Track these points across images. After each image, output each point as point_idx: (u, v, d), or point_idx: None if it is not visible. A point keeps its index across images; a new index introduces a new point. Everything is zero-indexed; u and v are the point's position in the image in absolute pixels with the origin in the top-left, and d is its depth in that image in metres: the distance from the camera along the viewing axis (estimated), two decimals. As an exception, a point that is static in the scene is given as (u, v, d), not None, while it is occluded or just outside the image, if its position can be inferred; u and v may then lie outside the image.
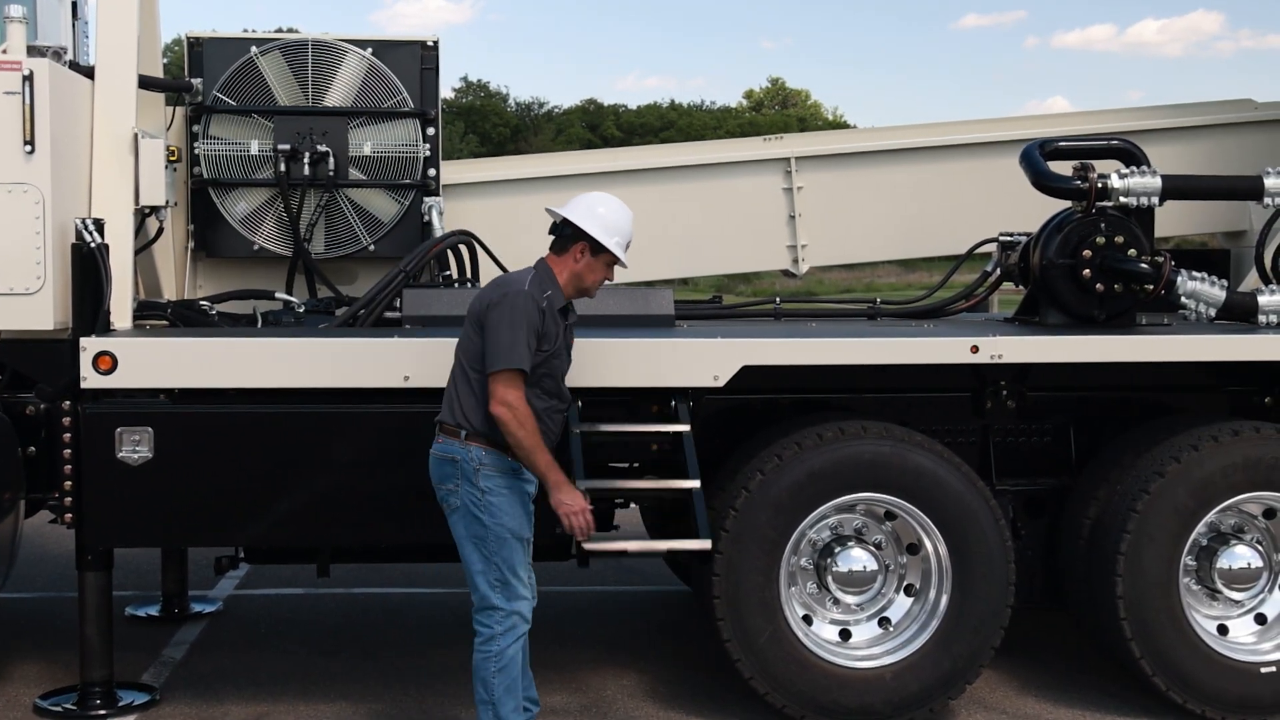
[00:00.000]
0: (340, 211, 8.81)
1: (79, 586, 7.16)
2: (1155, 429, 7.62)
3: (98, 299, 6.94)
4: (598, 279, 6.48)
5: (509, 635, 6.29)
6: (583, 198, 6.49)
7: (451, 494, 6.27)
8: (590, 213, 6.38)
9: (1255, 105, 9.98)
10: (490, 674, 6.29)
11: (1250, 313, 7.94)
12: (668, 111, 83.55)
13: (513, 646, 6.31)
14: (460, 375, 6.28)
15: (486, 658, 6.30)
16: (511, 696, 6.33)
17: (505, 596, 6.27)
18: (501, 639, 6.28)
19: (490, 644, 6.29)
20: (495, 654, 6.28)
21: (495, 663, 6.28)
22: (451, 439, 6.23)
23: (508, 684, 6.31)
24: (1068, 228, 7.98)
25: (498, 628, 6.28)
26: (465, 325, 6.33)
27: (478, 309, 6.26)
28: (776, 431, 7.34)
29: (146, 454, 6.85)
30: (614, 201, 6.52)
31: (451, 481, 6.25)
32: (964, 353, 7.26)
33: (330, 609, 9.60)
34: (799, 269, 9.69)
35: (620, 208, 6.50)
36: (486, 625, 6.30)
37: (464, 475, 6.20)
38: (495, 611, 6.28)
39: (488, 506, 6.19)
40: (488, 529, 6.21)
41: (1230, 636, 7.55)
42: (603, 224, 6.37)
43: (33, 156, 6.82)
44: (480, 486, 6.19)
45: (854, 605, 7.36)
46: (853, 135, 10.60)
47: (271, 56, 8.74)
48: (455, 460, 6.22)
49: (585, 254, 6.38)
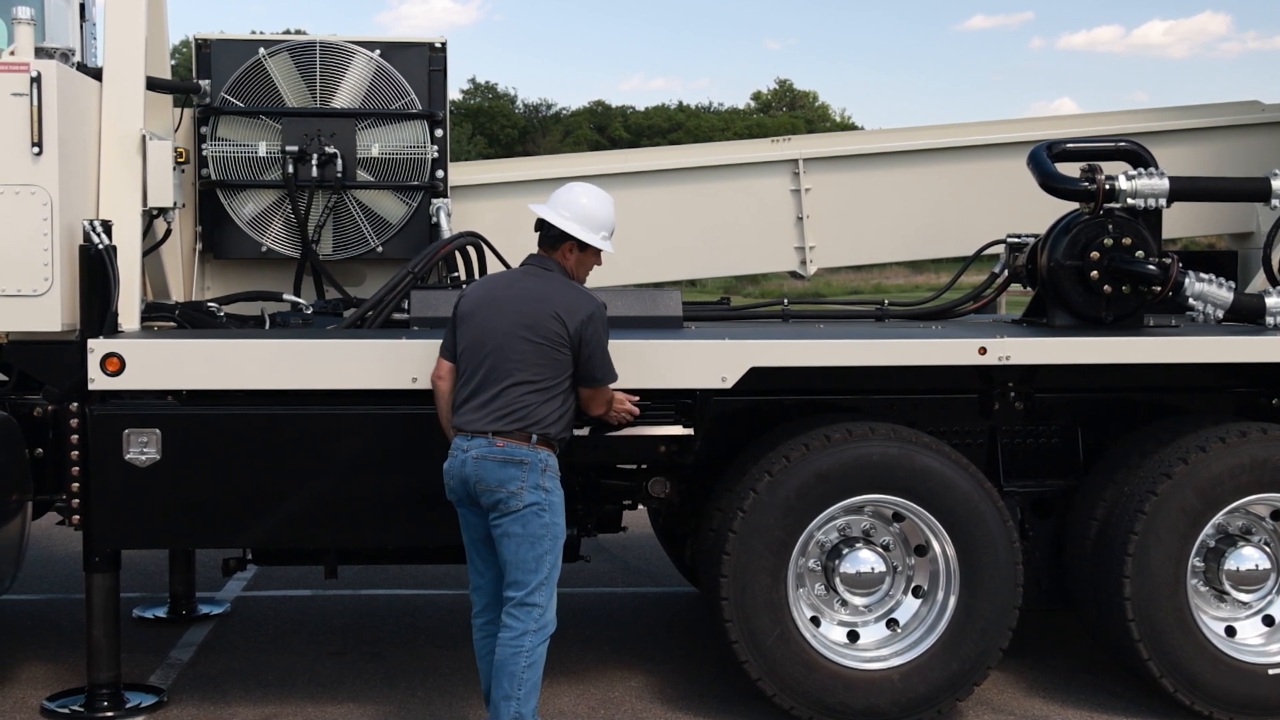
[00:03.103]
0: (348, 213, 8.81)
1: (86, 588, 7.17)
2: (1162, 430, 7.62)
3: (105, 300, 6.94)
4: (588, 269, 6.71)
5: (541, 634, 6.37)
6: (563, 194, 6.62)
7: (514, 496, 6.30)
8: (574, 213, 6.55)
9: (1263, 107, 9.97)
10: (521, 669, 6.32)
11: (1257, 314, 7.93)
12: (675, 113, 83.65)
13: (543, 646, 6.39)
14: (518, 384, 6.34)
15: (518, 652, 6.33)
16: (535, 695, 6.38)
17: (548, 595, 6.40)
18: (534, 635, 6.35)
19: (523, 639, 6.33)
20: (528, 649, 6.32)
21: (526, 658, 6.33)
22: (519, 443, 6.30)
23: (535, 681, 6.37)
24: (1075, 229, 7.97)
25: (533, 625, 6.34)
26: (511, 332, 6.37)
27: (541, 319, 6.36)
28: (784, 433, 7.34)
29: (154, 455, 6.85)
30: (593, 192, 6.67)
31: (517, 483, 6.30)
32: (972, 354, 7.26)
33: (338, 610, 9.60)
34: (807, 270, 9.69)
35: (600, 197, 6.67)
36: (522, 621, 6.34)
37: (530, 474, 6.29)
38: (534, 609, 6.35)
39: (551, 506, 6.36)
40: (548, 527, 6.35)
41: (1238, 638, 7.55)
42: (588, 221, 6.56)
43: (40, 158, 6.83)
44: (545, 487, 6.33)
45: (862, 607, 7.36)
46: (860, 137, 10.57)
47: (279, 58, 8.74)
48: (524, 462, 6.30)
49: (574, 251, 6.58)
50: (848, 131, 41.45)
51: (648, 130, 77.00)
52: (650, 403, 7.05)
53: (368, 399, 6.95)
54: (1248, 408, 8.01)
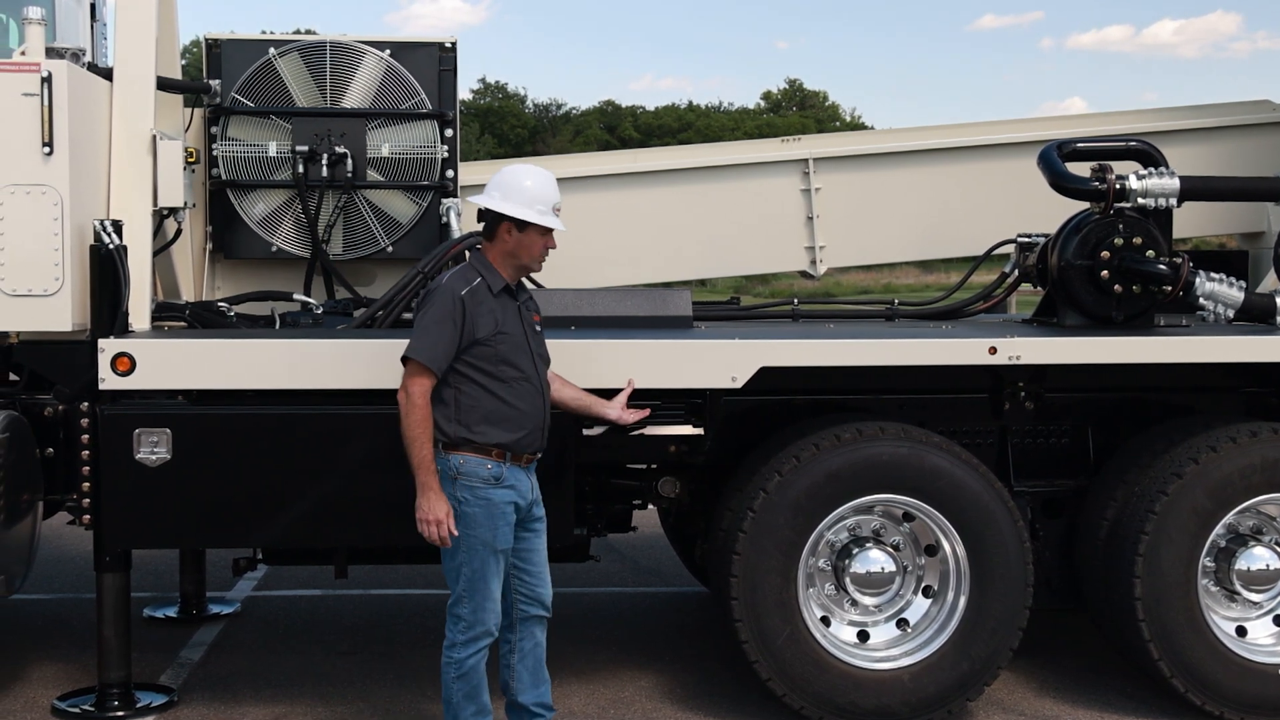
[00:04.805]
0: (358, 213, 8.82)
1: (97, 588, 7.18)
2: (1173, 430, 7.61)
3: (116, 300, 6.95)
4: (536, 252, 6.37)
5: (470, 646, 6.30)
6: (497, 177, 6.38)
7: None
8: (505, 192, 6.29)
9: (1273, 106, 9.94)
10: (450, 679, 6.34)
11: (1269, 314, 7.92)
12: (685, 113, 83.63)
13: (474, 658, 6.31)
14: None
15: (448, 663, 6.34)
16: (471, 702, 6.34)
17: (470, 608, 6.28)
18: (462, 648, 6.30)
19: (452, 650, 6.33)
20: (455, 661, 6.31)
21: (455, 669, 6.32)
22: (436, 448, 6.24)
23: (467, 691, 6.33)
24: (1086, 229, 7.96)
25: (459, 637, 6.31)
26: None
27: None
28: (794, 433, 7.33)
29: (165, 455, 6.85)
30: (531, 170, 6.43)
31: None
32: (982, 354, 7.25)
33: (348, 610, 9.61)
34: (817, 270, 9.68)
35: (537, 173, 6.40)
36: (450, 631, 6.34)
37: (444, 485, 6.19)
38: (458, 620, 6.31)
39: (461, 516, 6.20)
40: (459, 537, 6.21)
41: (1249, 638, 7.54)
42: (521, 198, 6.28)
43: (51, 158, 6.83)
44: (456, 495, 6.20)
45: (872, 607, 7.35)
46: (870, 136, 10.57)
47: (290, 58, 8.75)
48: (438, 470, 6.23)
49: (513, 232, 6.30)
50: (858, 131, 41.39)
51: (658, 130, 76.98)
52: (660, 402, 7.05)
53: (378, 399, 6.94)
54: (1258, 407, 8.00)
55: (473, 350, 6.17)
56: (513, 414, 6.22)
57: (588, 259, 8.95)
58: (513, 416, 6.22)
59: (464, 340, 6.15)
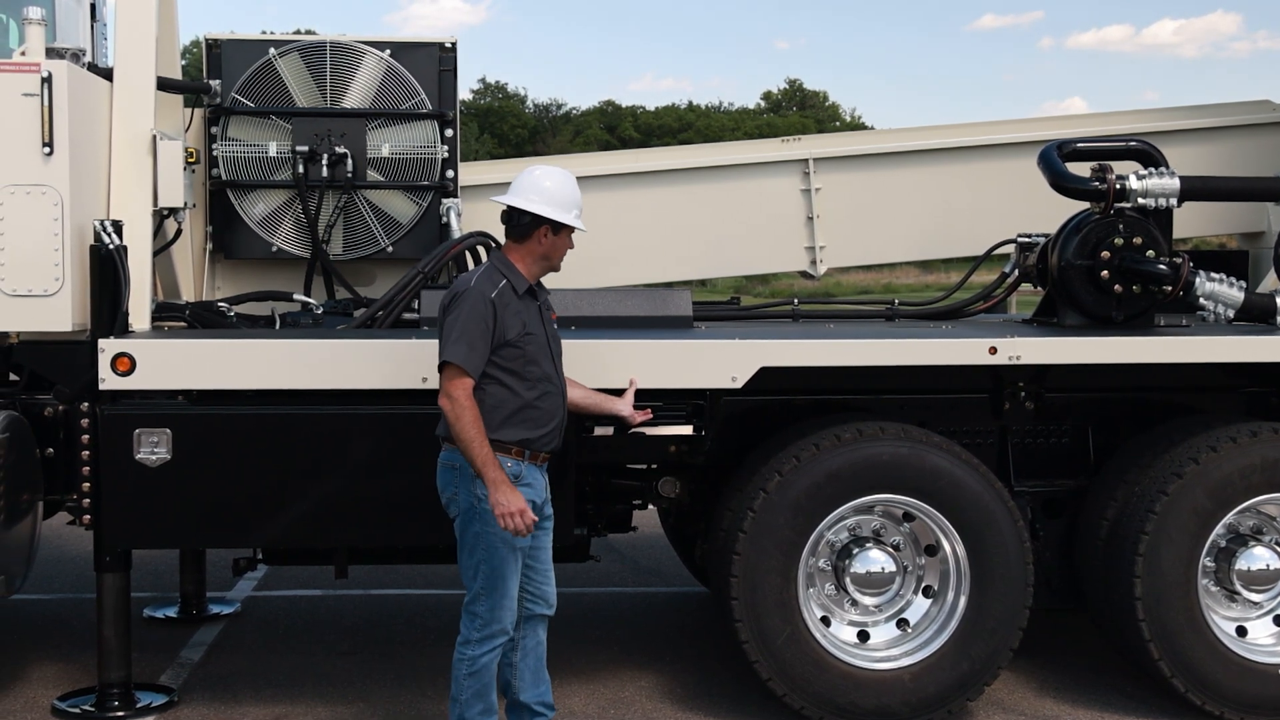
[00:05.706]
0: (358, 213, 8.82)
1: (97, 588, 7.18)
2: (1173, 430, 7.61)
3: (116, 300, 6.95)
4: (564, 252, 6.45)
5: (486, 644, 6.32)
6: (525, 179, 6.39)
7: (452, 502, 6.32)
8: (546, 196, 6.30)
9: (1273, 106, 9.94)
10: (462, 675, 6.36)
11: (1269, 314, 7.92)
12: (685, 113, 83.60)
13: (487, 655, 6.33)
14: None
15: (460, 659, 6.36)
16: (480, 701, 6.36)
17: (488, 605, 6.30)
18: (477, 645, 6.32)
19: (466, 647, 6.35)
20: (469, 658, 6.33)
21: (468, 666, 6.34)
22: (452, 447, 6.23)
23: (477, 689, 6.34)
24: (1086, 229, 7.96)
25: (475, 634, 6.33)
26: None
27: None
28: (794, 433, 7.33)
29: (165, 455, 6.85)
30: (556, 172, 6.45)
31: (451, 489, 6.29)
32: (982, 354, 7.25)
33: (348, 610, 9.61)
34: (817, 270, 9.68)
35: (563, 176, 6.44)
36: (465, 628, 6.36)
37: (463, 480, 6.21)
38: (474, 618, 6.33)
39: (482, 513, 6.20)
40: (479, 535, 6.23)
41: (1249, 638, 7.54)
42: (558, 202, 6.32)
43: (51, 158, 6.84)
44: (477, 493, 6.20)
45: (872, 607, 7.35)
46: (870, 137, 10.57)
47: (290, 58, 8.75)
48: (454, 467, 6.24)
49: (549, 235, 6.34)
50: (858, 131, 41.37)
51: (658, 130, 76.95)
52: (661, 403, 7.05)
53: (378, 399, 6.95)
54: (1259, 407, 8.00)
55: (501, 351, 6.19)
56: (536, 414, 6.26)
57: (588, 259, 8.89)
58: (535, 416, 6.26)
59: (495, 342, 6.16)
